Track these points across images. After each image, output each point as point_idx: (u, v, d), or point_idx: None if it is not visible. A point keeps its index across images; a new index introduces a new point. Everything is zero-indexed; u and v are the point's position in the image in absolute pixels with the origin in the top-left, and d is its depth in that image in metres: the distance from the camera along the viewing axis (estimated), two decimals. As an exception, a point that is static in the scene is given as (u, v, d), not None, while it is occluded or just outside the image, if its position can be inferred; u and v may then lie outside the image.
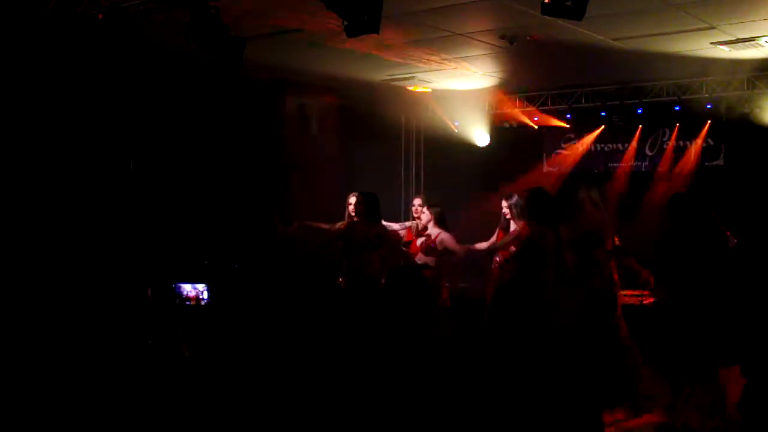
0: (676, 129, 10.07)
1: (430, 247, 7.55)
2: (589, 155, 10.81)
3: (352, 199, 7.47)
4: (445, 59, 8.64)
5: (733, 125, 9.52)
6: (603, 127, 10.55)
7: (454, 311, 7.67)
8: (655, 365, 7.24)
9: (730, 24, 7.01)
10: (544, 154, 11.22)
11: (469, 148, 11.19)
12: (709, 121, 9.73)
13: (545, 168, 11.16)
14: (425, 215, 7.74)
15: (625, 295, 7.39)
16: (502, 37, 7.59)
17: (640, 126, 10.27)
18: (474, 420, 2.73)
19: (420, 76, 9.58)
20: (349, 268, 7.25)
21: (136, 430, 3.01)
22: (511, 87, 10.39)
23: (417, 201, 8.12)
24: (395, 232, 8.11)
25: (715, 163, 9.86)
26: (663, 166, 10.22)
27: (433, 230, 7.60)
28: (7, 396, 3.28)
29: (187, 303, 6.57)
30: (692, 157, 9.97)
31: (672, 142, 10.13)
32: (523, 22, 7.02)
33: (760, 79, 9.06)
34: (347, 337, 3.09)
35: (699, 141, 9.88)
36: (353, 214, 7.41)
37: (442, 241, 7.51)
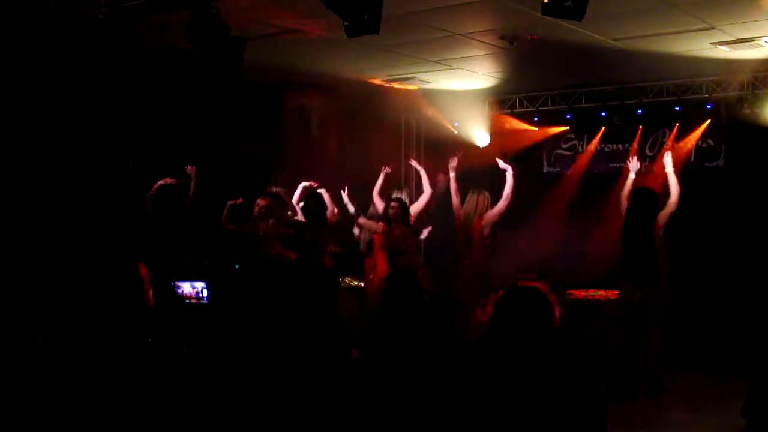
0: (675, 129, 10.07)
1: None
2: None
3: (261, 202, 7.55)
4: (445, 59, 8.65)
5: (733, 125, 9.51)
6: (603, 128, 10.54)
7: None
8: None
9: (730, 24, 7.02)
10: (544, 155, 11.21)
11: (470, 148, 11.17)
12: (709, 121, 9.73)
13: (545, 168, 11.15)
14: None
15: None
16: (502, 37, 7.60)
17: (641, 126, 10.26)
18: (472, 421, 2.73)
19: (420, 76, 9.58)
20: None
21: (135, 430, 3.01)
22: (511, 87, 10.39)
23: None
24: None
25: (714, 163, 9.86)
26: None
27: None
28: (7, 395, 3.29)
29: (187, 301, 6.56)
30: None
31: (671, 143, 10.12)
32: (523, 23, 7.03)
33: (760, 79, 9.07)
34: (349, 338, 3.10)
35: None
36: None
37: None
